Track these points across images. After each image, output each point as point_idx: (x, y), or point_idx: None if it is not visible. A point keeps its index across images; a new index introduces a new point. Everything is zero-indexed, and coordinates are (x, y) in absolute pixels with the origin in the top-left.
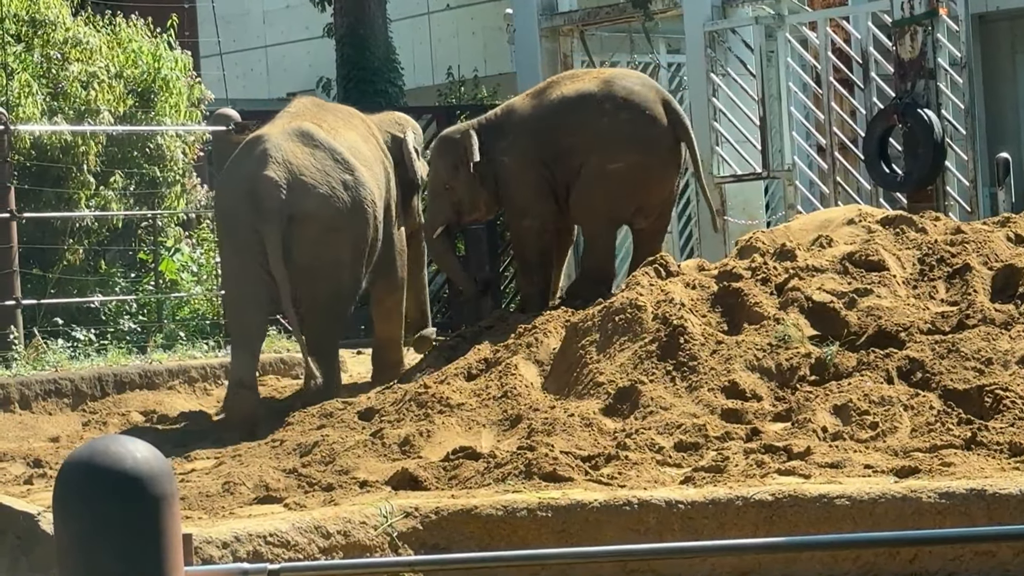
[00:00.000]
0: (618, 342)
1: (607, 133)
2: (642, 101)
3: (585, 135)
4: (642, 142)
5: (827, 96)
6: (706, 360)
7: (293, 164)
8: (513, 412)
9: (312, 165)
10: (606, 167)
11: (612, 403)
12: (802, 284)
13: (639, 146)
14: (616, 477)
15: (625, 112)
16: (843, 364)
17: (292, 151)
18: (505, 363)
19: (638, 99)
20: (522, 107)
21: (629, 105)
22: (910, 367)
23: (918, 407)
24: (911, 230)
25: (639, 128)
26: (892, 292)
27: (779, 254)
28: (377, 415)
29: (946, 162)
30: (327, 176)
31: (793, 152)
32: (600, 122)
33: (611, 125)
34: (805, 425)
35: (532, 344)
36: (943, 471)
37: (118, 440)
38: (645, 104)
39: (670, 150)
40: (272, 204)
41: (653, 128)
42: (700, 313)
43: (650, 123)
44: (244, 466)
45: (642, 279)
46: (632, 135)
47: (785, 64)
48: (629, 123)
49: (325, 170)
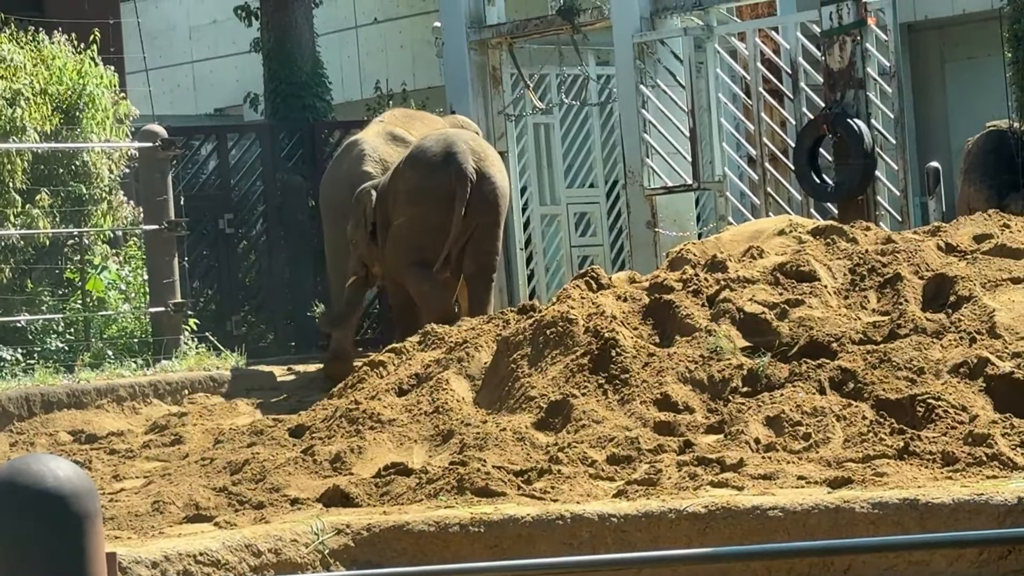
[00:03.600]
0: (550, 355)
1: (400, 193)
2: (425, 157)
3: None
4: (420, 195)
5: (757, 107)
6: (638, 373)
7: (388, 163)
8: (445, 427)
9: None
10: (396, 224)
11: (544, 417)
12: (733, 295)
13: (418, 199)
14: (549, 491)
15: (410, 170)
16: (775, 375)
17: (386, 152)
18: (436, 378)
19: (423, 156)
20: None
21: (414, 163)
22: (842, 377)
23: (850, 417)
24: (842, 240)
25: (419, 182)
26: (823, 302)
27: (710, 265)
28: (308, 432)
29: (876, 172)
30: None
31: (724, 163)
32: (397, 185)
33: (403, 184)
34: (738, 437)
35: (463, 359)
36: (876, 481)
37: (39, 459)
38: (427, 159)
39: (446, 200)
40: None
41: (431, 180)
42: (632, 325)
43: (428, 175)
44: (174, 485)
45: (573, 292)
46: (412, 190)
47: (715, 75)
48: (409, 180)
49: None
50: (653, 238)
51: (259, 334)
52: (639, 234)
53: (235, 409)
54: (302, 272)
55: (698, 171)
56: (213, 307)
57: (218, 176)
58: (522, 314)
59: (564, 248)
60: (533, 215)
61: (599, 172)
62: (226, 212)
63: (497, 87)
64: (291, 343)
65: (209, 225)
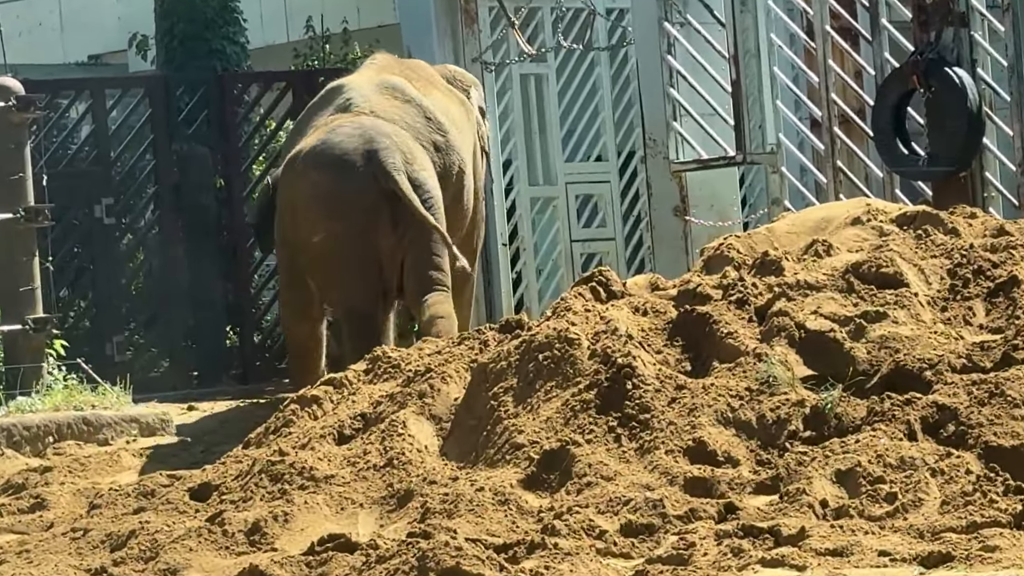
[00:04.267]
0: (543, 389)
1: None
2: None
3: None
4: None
5: (823, 52)
6: (662, 412)
7: (381, 119)
8: (401, 486)
9: (402, 120)
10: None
11: (536, 472)
12: (792, 307)
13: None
14: (543, 573)
15: (316, 172)
16: (848, 415)
17: (380, 104)
18: (390, 419)
19: (333, 152)
20: None
21: (320, 161)
22: (939, 418)
23: (950, 471)
24: (938, 232)
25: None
26: (913, 316)
27: (760, 266)
28: (216, 493)
29: (984, 139)
30: (418, 134)
31: (778, 128)
32: (298, 188)
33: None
34: (798, 498)
35: (426, 393)
36: (985, 558)
37: None
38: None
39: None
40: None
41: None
42: (654, 348)
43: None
44: (34, 566)
45: (575, 303)
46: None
47: (766, 8)
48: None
49: (416, 127)
50: (683, 229)
51: (150, 360)
52: (664, 224)
53: (117, 462)
54: (207, 276)
55: (743, 139)
56: (87, 324)
57: (94, 146)
58: (505, 333)
59: (562, 243)
60: (520, 199)
61: (609, 140)
62: (105, 195)
63: (471, 25)
64: (192, 372)
65: (82, 213)
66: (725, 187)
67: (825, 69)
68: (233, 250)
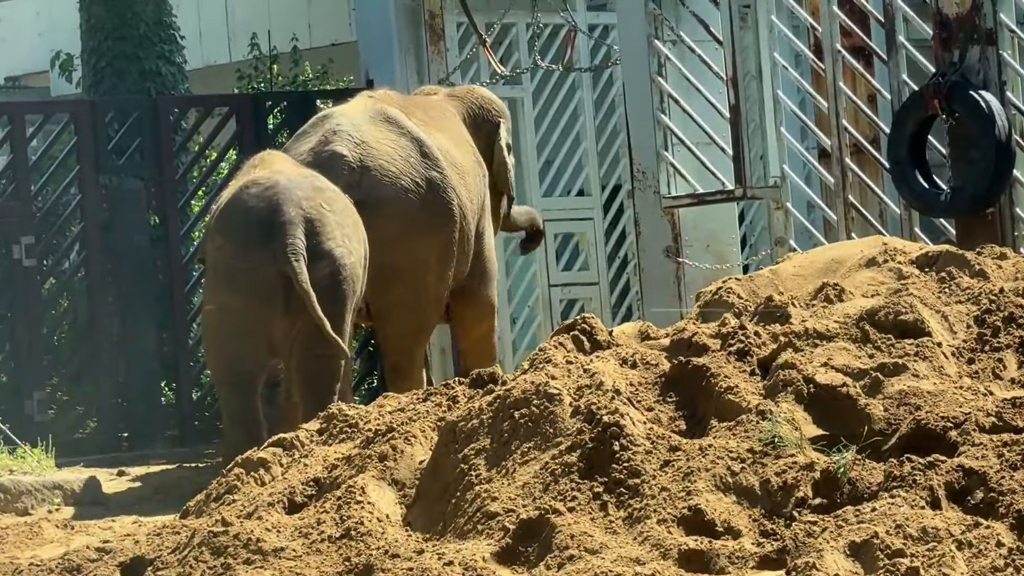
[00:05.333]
0: (519, 450)
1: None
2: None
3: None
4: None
5: (833, 73)
6: (654, 476)
7: (370, 151)
8: (360, 560)
9: (394, 153)
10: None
11: (512, 544)
12: (799, 359)
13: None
14: None
15: (220, 235)
16: (863, 479)
17: (372, 135)
18: (347, 485)
19: (239, 215)
20: None
21: (227, 223)
22: (966, 483)
23: (979, 544)
24: (964, 275)
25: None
26: (936, 369)
27: (764, 313)
28: (150, 568)
29: (1015, 171)
30: (411, 169)
31: (782, 160)
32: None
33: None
34: (807, 573)
35: (388, 455)
36: None
37: None
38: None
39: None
40: (338, 182)
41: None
42: (644, 405)
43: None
44: None
45: (555, 354)
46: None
47: (768, 25)
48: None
49: (410, 162)
50: (675, 272)
51: (75, 420)
52: (654, 266)
53: (38, 534)
54: (140, 325)
55: (743, 171)
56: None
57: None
58: (477, 387)
59: (540, 287)
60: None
61: (592, 172)
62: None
63: (437, 43)
64: (123, 433)
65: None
66: (723, 225)
67: (835, 93)
68: (169, 296)
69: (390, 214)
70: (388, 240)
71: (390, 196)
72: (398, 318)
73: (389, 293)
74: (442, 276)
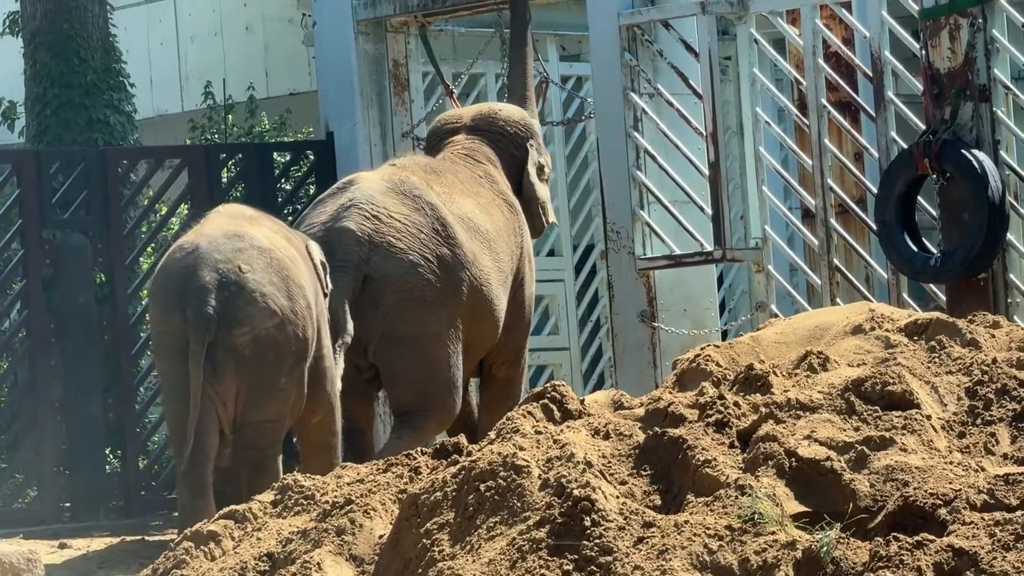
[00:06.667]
0: (485, 525)
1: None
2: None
3: None
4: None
5: (817, 130)
6: (627, 554)
7: (384, 223)
8: None
9: (405, 228)
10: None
11: None
12: (781, 431)
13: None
14: None
15: (151, 296)
16: (848, 559)
17: (387, 205)
18: (302, 561)
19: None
20: None
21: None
22: (957, 564)
23: None
24: (955, 344)
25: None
26: (925, 443)
27: (744, 382)
28: None
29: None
30: (422, 245)
31: (764, 220)
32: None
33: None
34: None
35: (346, 529)
36: None
37: None
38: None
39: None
40: (348, 258)
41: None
42: (617, 478)
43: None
44: None
45: (523, 423)
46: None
47: (750, 78)
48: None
49: (420, 238)
50: (651, 338)
51: (14, 489)
52: (628, 331)
53: None
54: (84, 389)
55: (723, 232)
56: None
57: None
58: (441, 458)
59: None
60: None
61: (563, 232)
62: None
63: (402, 94)
64: (65, 504)
65: None
66: (701, 288)
67: (820, 150)
68: (115, 358)
69: (394, 290)
70: (393, 313)
71: (395, 272)
72: (405, 386)
73: (395, 362)
74: (453, 345)
